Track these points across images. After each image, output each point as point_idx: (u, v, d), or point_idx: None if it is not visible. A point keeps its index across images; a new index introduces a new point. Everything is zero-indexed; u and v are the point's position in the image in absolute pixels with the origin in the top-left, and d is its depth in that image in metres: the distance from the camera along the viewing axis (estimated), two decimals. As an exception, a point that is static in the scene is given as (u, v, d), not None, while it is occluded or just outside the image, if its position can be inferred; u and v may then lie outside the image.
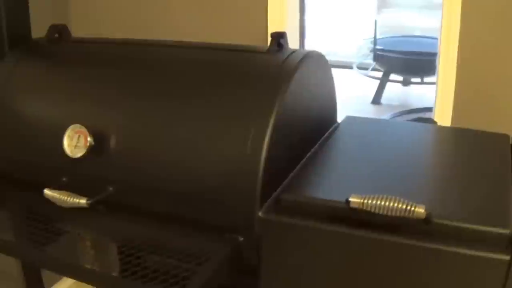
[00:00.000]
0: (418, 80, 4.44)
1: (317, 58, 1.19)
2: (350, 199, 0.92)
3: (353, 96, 4.57)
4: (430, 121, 1.40)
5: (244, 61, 1.13)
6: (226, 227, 1.04)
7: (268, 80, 1.05)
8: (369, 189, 0.96)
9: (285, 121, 1.04)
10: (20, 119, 1.25)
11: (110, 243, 1.17)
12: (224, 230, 1.05)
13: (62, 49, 1.33)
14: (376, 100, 4.40)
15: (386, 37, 4.58)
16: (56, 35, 1.39)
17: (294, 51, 1.13)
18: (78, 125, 1.13)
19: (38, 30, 1.45)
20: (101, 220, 1.17)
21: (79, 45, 1.34)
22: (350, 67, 4.86)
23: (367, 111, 4.31)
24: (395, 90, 4.58)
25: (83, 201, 1.08)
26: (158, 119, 1.11)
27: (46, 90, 1.24)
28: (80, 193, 1.11)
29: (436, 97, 1.64)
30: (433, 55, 4.14)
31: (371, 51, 4.37)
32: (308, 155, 1.18)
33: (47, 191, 1.12)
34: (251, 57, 1.14)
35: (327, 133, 1.28)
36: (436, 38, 4.41)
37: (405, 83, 4.56)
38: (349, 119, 1.35)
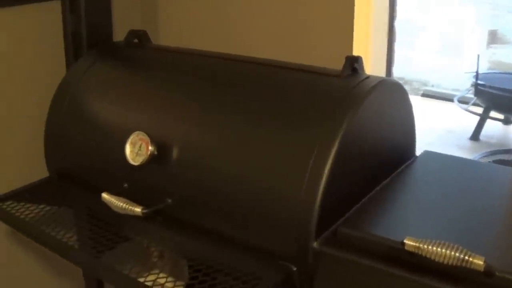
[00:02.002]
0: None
1: (393, 86, 1.14)
2: (405, 241, 0.87)
3: (452, 130, 4.42)
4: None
5: (313, 83, 1.11)
6: (279, 253, 1.02)
7: (335, 106, 1.02)
8: (429, 232, 0.92)
9: (350, 150, 1.01)
10: (88, 119, 1.28)
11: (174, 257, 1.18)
12: (278, 257, 1.02)
13: (137, 54, 1.36)
14: (475, 136, 4.23)
15: (490, 73, 4.40)
16: (135, 40, 1.42)
17: (368, 77, 1.09)
18: (141, 133, 1.14)
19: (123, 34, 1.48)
20: (157, 230, 1.17)
21: (156, 52, 1.36)
22: (451, 100, 4.70)
23: (464, 146, 4.15)
24: (495, 128, 4.38)
25: (138, 209, 1.09)
26: (222, 136, 1.11)
27: (115, 94, 1.27)
28: (138, 201, 1.12)
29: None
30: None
31: (472, 85, 4.21)
32: (377, 188, 1.13)
33: (104, 195, 1.14)
34: (321, 79, 1.11)
35: (401, 167, 1.22)
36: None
37: (506, 121, 4.36)
38: (427, 155, 1.29)
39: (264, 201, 1.02)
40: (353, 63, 1.11)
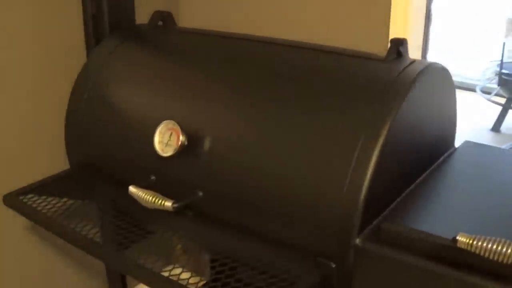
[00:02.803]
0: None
1: (440, 72, 1.08)
2: (458, 237, 0.81)
3: (473, 120, 4.33)
4: None
5: (357, 68, 1.04)
6: (318, 250, 0.96)
7: (381, 92, 0.95)
8: (477, 228, 0.86)
9: (395, 142, 0.94)
10: (112, 107, 1.22)
11: (197, 252, 1.12)
12: (316, 254, 0.96)
13: (164, 37, 1.30)
14: (496, 127, 4.14)
15: (515, 61, 4.30)
16: (160, 22, 1.36)
17: (413, 61, 1.03)
18: (172, 122, 1.08)
19: (145, 16, 1.42)
20: (187, 225, 1.12)
21: (184, 35, 1.30)
22: (474, 90, 4.62)
23: (485, 137, 4.06)
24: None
25: (168, 204, 1.03)
26: (258, 126, 1.04)
27: (142, 80, 1.21)
28: (167, 194, 1.07)
29: None
30: None
31: (496, 74, 4.12)
32: (418, 181, 1.07)
33: (132, 189, 1.08)
34: (365, 64, 1.05)
35: (441, 159, 1.16)
36: None
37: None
38: (468, 145, 1.23)
39: (303, 195, 0.96)
40: (398, 46, 1.04)
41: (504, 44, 4.07)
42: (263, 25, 1.55)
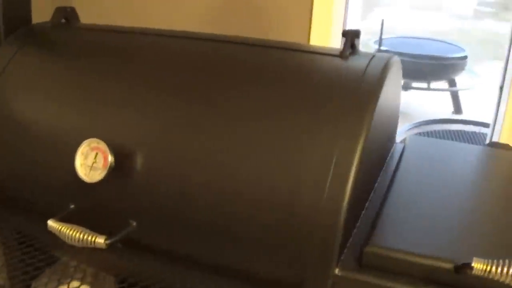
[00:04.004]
0: (421, 85, 4.23)
1: (397, 65, 0.94)
2: (474, 264, 0.69)
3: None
4: (505, 146, 1.17)
5: (316, 67, 0.88)
6: (287, 282, 0.80)
7: (350, 95, 0.80)
8: (470, 245, 0.75)
9: (367, 147, 0.80)
10: (18, 124, 0.97)
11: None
12: (285, 287, 0.80)
13: (71, 37, 1.06)
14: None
15: (392, 38, 4.35)
16: (63, 20, 1.13)
17: (373, 56, 0.89)
18: (96, 140, 0.87)
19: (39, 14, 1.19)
20: (119, 261, 0.92)
21: (92, 33, 1.07)
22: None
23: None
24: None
25: (100, 240, 0.83)
26: (204, 135, 0.85)
27: (53, 90, 0.97)
28: (94, 226, 0.86)
29: (505, 112, 1.41)
30: (443, 59, 3.96)
31: (376, 51, 4.14)
32: (376, 186, 0.94)
33: (52, 224, 0.86)
34: (323, 61, 0.89)
35: (389, 156, 1.05)
36: (445, 42, 4.23)
37: (406, 87, 4.34)
38: (414, 140, 1.12)
39: (266, 216, 0.80)
40: (353, 39, 0.90)
41: (382, 21, 4.08)
42: (166, 19, 1.36)
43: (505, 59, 1.49)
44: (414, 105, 4.33)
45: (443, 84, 4.17)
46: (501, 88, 1.47)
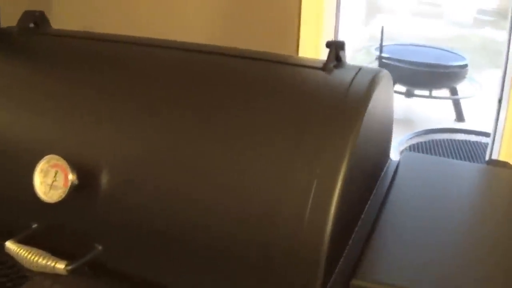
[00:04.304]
0: (422, 92, 4.15)
1: (386, 79, 0.86)
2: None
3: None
4: (506, 165, 1.09)
5: (297, 81, 0.80)
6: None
7: (333, 112, 0.72)
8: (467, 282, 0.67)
9: (354, 168, 0.72)
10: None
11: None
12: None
13: (38, 43, 0.99)
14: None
15: (392, 45, 4.27)
16: (31, 24, 1.05)
17: (359, 69, 0.81)
18: (55, 157, 0.79)
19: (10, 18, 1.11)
20: (85, 285, 0.84)
21: (63, 39, 1.00)
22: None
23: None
24: (398, 102, 4.27)
25: (60, 266, 0.76)
26: (175, 153, 0.78)
27: (11, 102, 0.89)
28: (55, 247, 0.79)
29: (504, 125, 1.33)
30: (444, 67, 3.88)
31: (376, 58, 4.06)
32: (367, 209, 0.86)
33: (10, 245, 0.79)
34: (305, 74, 0.81)
35: (382, 174, 0.97)
36: (446, 50, 4.16)
37: (408, 94, 4.26)
38: (409, 157, 1.04)
39: (241, 242, 0.72)
40: (338, 51, 0.82)
41: (382, 28, 4.01)
42: (154, 27, 1.28)
43: (502, 71, 1.41)
44: (417, 113, 4.25)
45: (445, 92, 4.09)
46: (500, 101, 1.40)
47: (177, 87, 0.83)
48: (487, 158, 1.42)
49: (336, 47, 0.81)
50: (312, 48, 1.14)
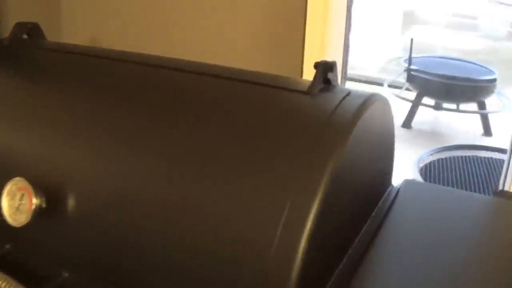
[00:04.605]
0: (450, 106, 4.03)
1: (381, 105, 0.79)
2: None
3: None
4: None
5: (275, 105, 0.73)
6: None
7: (310, 144, 0.66)
8: None
9: (331, 202, 0.66)
10: None
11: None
12: None
13: (21, 57, 0.94)
14: (407, 124, 3.97)
15: (422, 57, 4.16)
16: (25, 35, 1.02)
17: (348, 93, 0.74)
18: (21, 180, 0.74)
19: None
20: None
21: (49, 53, 0.95)
22: (381, 85, 4.46)
23: (398, 135, 3.88)
24: (426, 114, 4.14)
25: (20, 296, 0.71)
26: (146, 175, 0.72)
27: None
28: (25, 272, 0.75)
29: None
30: (473, 81, 3.76)
31: (404, 70, 3.95)
32: (360, 236, 0.80)
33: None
34: (285, 98, 0.74)
35: (381, 201, 0.89)
36: (476, 64, 4.03)
37: (437, 107, 4.14)
38: (409, 186, 0.96)
39: (212, 274, 0.66)
40: (326, 72, 0.75)
41: (412, 40, 3.90)
42: (161, 38, 1.23)
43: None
44: (445, 126, 4.13)
45: (473, 105, 3.96)
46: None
47: (149, 109, 0.77)
48: (500, 186, 1.32)
49: (324, 69, 0.74)
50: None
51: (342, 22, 1.19)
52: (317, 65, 0.74)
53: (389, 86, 4.27)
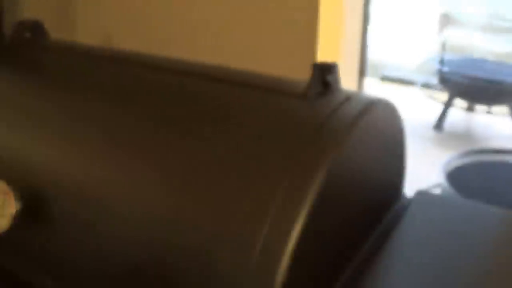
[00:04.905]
0: (483, 108, 3.90)
1: (386, 112, 0.73)
2: None
3: (414, 118, 4.04)
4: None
5: (265, 112, 0.67)
6: None
7: (298, 156, 0.60)
8: None
9: (321, 217, 0.60)
10: None
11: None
12: None
13: (18, 56, 0.91)
14: (439, 126, 3.86)
15: (455, 59, 4.03)
16: (28, 34, 0.98)
17: (348, 98, 0.68)
18: (2, 183, 0.71)
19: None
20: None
21: (48, 53, 0.91)
22: (413, 84, 4.36)
23: (427, 136, 3.77)
24: (458, 116, 4.03)
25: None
26: (132, 177, 0.68)
27: None
28: (1, 283, 0.71)
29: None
30: (506, 84, 3.63)
31: (437, 71, 3.85)
32: (362, 253, 0.74)
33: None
34: (278, 103, 0.68)
35: (390, 215, 0.83)
36: (510, 66, 3.89)
37: (469, 109, 4.02)
38: (421, 198, 0.89)
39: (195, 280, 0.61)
40: (325, 75, 0.69)
41: (444, 41, 3.79)
42: (170, 43, 1.18)
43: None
44: (477, 128, 4.00)
45: (506, 108, 3.84)
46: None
47: (141, 112, 0.72)
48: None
49: (322, 71, 0.68)
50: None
51: (358, 18, 1.13)
52: (314, 67, 0.68)
53: (422, 86, 4.17)
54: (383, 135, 0.73)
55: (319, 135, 0.61)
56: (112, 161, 0.70)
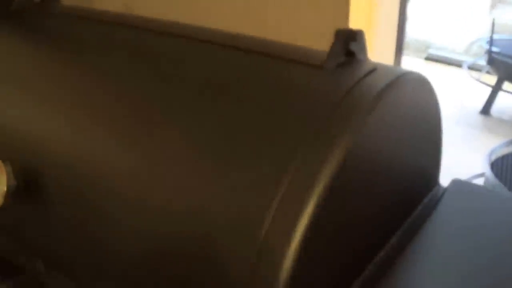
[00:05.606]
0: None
1: (418, 86, 0.64)
2: None
3: (460, 101, 3.86)
4: None
5: (273, 83, 0.59)
6: None
7: (316, 127, 0.51)
8: None
9: (335, 205, 0.51)
10: None
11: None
12: None
13: (24, 23, 0.84)
14: (486, 110, 3.68)
15: (506, 38, 3.82)
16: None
17: (374, 69, 0.59)
18: (-6, 158, 0.65)
19: None
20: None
21: (57, 19, 0.85)
22: (460, 66, 4.17)
23: (475, 122, 3.59)
24: (507, 101, 3.82)
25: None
26: (133, 152, 0.61)
27: None
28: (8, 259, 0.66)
29: None
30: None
31: (485, 52, 3.65)
32: (389, 247, 0.65)
33: None
34: (295, 74, 0.59)
35: (421, 206, 0.73)
36: None
37: (516, 94, 3.81)
38: (457, 187, 0.79)
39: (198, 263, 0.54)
40: (348, 43, 0.60)
41: (494, 20, 3.59)
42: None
43: None
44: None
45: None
46: None
47: (153, 82, 0.65)
48: None
49: (345, 38, 0.59)
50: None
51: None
52: (336, 34, 0.59)
53: (469, 68, 3.97)
54: (413, 114, 0.64)
55: (337, 112, 0.52)
56: (114, 137, 0.63)
